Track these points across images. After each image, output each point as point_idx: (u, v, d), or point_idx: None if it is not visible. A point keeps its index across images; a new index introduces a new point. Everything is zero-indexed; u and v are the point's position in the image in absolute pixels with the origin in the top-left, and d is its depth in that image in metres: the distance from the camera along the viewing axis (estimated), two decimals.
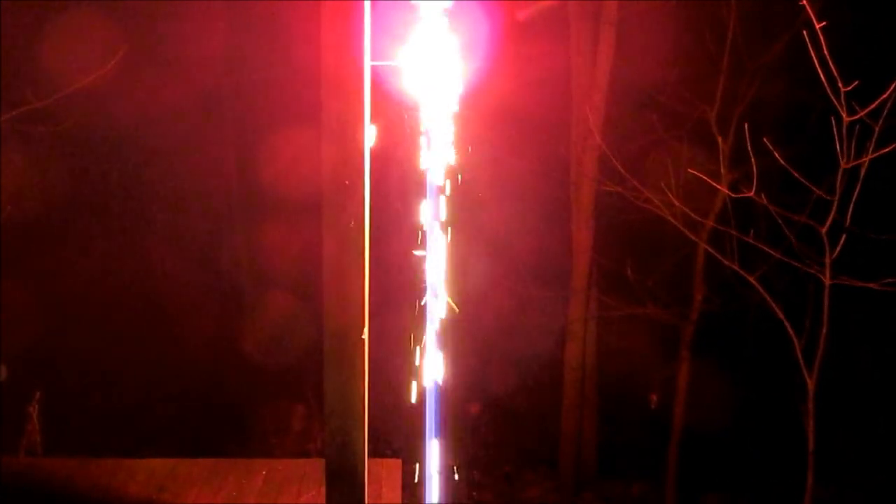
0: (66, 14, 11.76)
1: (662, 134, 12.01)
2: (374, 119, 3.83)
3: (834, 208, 7.67)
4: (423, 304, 5.47)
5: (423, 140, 5.15)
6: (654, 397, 14.39)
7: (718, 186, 8.99)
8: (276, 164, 13.13)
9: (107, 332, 13.23)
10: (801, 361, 8.31)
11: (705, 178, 8.67)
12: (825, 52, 6.72)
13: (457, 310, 5.67)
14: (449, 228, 5.63)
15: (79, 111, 10.61)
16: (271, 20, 13.36)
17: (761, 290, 8.75)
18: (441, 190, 5.41)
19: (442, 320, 5.55)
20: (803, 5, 6.73)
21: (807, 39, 6.72)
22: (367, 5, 3.73)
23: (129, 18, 12.08)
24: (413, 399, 5.46)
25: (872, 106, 7.03)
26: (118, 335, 13.30)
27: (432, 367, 5.40)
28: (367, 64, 3.75)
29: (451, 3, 4.59)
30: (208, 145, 14.92)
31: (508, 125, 13.36)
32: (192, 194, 14.66)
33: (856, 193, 7.54)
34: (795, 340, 8.36)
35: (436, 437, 5.72)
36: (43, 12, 11.75)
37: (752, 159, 7.80)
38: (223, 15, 14.31)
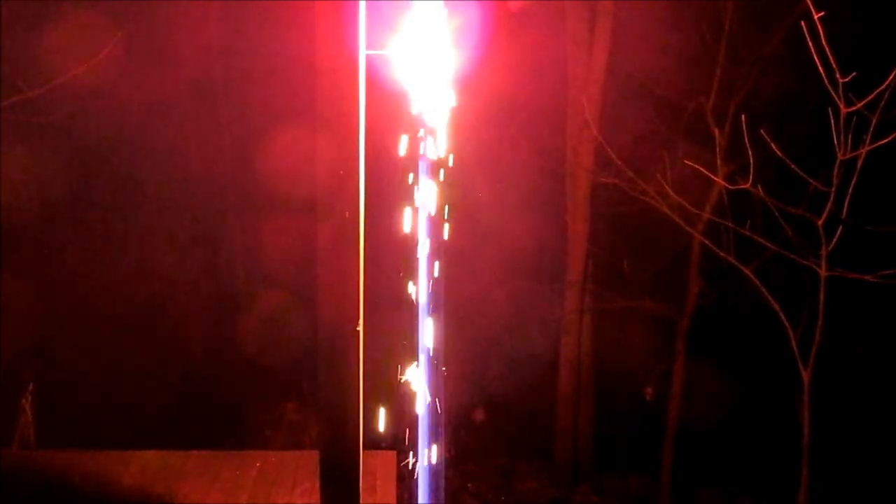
0: (58, 5, 11.68)
1: (659, 125, 11.98)
2: (368, 109, 3.79)
3: (830, 200, 7.65)
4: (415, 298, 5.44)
5: (417, 131, 5.12)
6: (650, 390, 14.39)
7: (715, 178, 8.96)
8: (271, 158, 13.07)
9: (101, 325, 13.18)
10: (797, 354, 8.30)
11: (702, 169, 8.64)
12: (823, 43, 6.69)
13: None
14: (445, 224, 5.60)
15: (72, 104, 10.56)
16: (265, 12, 13.30)
17: (757, 282, 8.73)
18: (435, 180, 5.37)
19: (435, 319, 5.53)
20: None
21: (805, 30, 6.69)
22: None
23: (123, 11, 11.99)
24: (408, 390, 5.44)
25: (870, 97, 7.01)
26: (112, 328, 13.25)
27: (426, 360, 5.37)
28: (362, 54, 3.70)
29: None
30: (202, 140, 14.85)
31: (504, 116, 13.30)
32: (188, 189, 14.59)
33: (852, 185, 7.52)
34: (791, 333, 8.35)
35: (431, 429, 5.69)
36: (35, 3, 11.67)
37: (749, 151, 7.78)
38: (217, 7, 14.24)
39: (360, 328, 3.78)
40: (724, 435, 12.84)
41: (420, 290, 5.40)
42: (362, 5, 3.68)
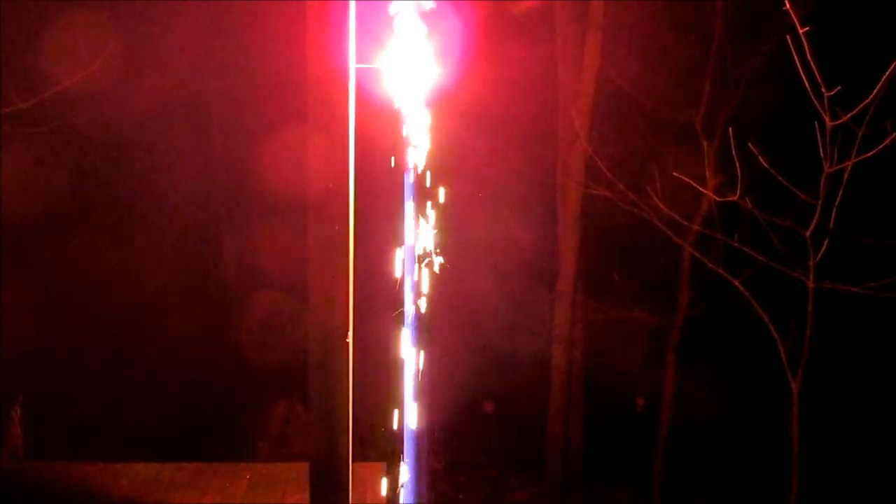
0: (51, 17, 11.69)
1: (649, 138, 12.04)
2: (358, 122, 3.82)
3: (818, 212, 7.72)
4: (402, 309, 5.46)
5: (406, 144, 5.15)
6: (641, 401, 14.41)
7: (704, 191, 9.02)
8: (262, 168, 13.08)
9: (91, 335, 13.14)
10: (786, 364, 8.35)
11: (691, 182, 8.70)
12: (809, 57, 6.76)
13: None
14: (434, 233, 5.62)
15: (66, 113, 10.56)
16: (256, 24, 13.33)
17: (746, 293, 8.78)
18: (423, 194, 5.40)
19: (423, 324, 5.55)
20: (788, 11, 6.77)
21: (791, 45, 6.76)
22: (353, 7, 3.72)
23: (115, 23, 12.01)
24: (397, 401, 5.46)
25: (855, 111, 7.07)
26: (102, 339, 13.21)
27: (414, 370, 5.39)
28: (352, 67, 3.73)
29: (433, 5, 4.59)
30: (196, 149, 14.86)
31: (494, 129, 13.35)
32: (179, 198, 14.59)
33: (839, 197, 7.59)
34: (780, 343, 8.40)
35: (419, 439, 5.70)
36: (28, 16, 11.68)
37: (738, 164, 7.84)
38: (209, 19, 14.27)
39: (350, 340, 3.80)
40: (715, 445, 12.87)
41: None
42: (352, 19, 3.72)
